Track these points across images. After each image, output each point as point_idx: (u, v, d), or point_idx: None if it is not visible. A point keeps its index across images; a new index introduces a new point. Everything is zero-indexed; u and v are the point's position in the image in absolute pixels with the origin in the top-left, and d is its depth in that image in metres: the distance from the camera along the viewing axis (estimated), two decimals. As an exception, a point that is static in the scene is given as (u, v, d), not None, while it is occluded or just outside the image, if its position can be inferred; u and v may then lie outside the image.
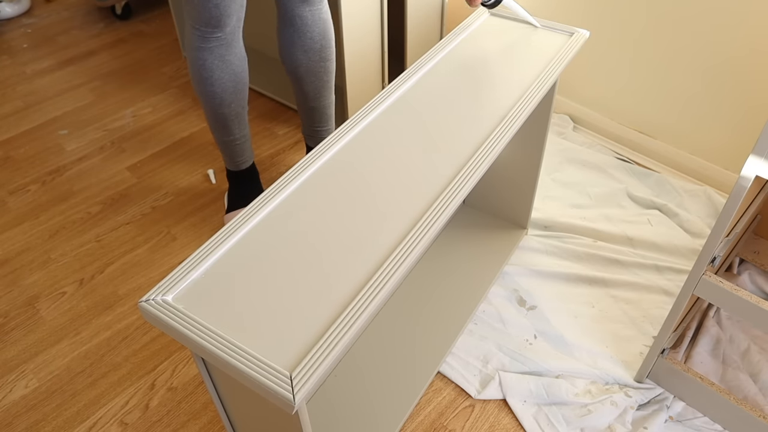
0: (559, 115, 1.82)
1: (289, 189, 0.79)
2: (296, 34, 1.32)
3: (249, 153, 1.45)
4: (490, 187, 1.40)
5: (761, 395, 1.12)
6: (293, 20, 1.30)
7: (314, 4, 1.31)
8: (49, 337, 1.28)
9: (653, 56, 1.54)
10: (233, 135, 1.36)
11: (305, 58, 1.35)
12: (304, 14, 1.30)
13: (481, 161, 0.82)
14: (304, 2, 1.29)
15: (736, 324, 1.24)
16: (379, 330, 1.22)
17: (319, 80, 1.40)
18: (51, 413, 1.15)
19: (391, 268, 0.68)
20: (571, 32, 1.09)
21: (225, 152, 1.42)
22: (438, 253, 1.37)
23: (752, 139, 1.46)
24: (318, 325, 0.63)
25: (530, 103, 0.93)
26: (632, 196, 1.55)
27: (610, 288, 1.33)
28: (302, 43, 1.33)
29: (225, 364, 0.60)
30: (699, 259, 0.92)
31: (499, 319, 1.27)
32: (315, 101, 1.45)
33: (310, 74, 1.38)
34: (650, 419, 1.10)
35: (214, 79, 1.23)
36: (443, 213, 0.75)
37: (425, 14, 1.80)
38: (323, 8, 1.33)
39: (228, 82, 1.25)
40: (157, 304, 0.65)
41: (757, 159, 0.79)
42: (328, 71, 1.41)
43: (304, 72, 1.38)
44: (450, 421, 1.12)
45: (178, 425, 1.12)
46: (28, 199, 1.62)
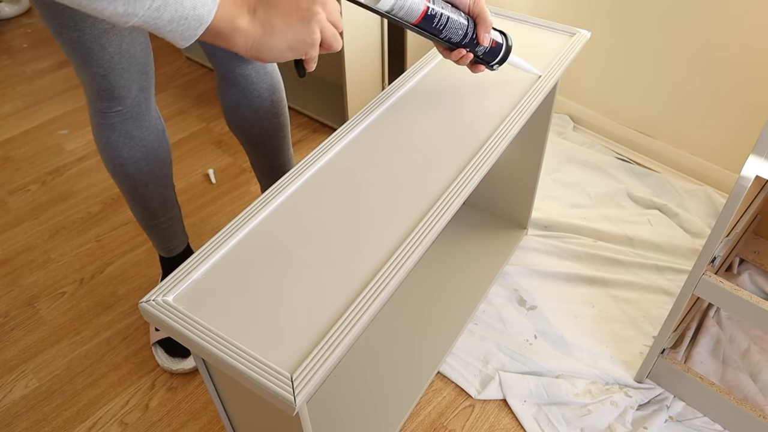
0: (559, 115, 1.82)
1: (289, 190, 0.79)
2: (241, 94, 1.14)
3: (180, 237, 1.25)
4: (490, 187, 1.40)
5: (761, 395, 1.13)
6: (236, 80, 1.13)
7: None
8: (49, 337, 1.28)
9: (653, 56, 1.54)
10: (157, 218, 1.17)
11: (255, 118, 1.18)
12: (247, 72, 1.12)
13: (482, 162, 0.82)
14: (247, 61, 1.11)
15: (736, 324, 1.24)
16: (379, 330, 1.22)
17: (275, 139, 1.23)
18: (51, 413, 1.15)
19: (392, 269, 0.68)
20: (572, 33, 1.09)
21: (151, 237, 1.22)
22: (438, 253, 1.37)
23: (752, 139, 1.47)
24: (319, 326, 0.63)
25: (531, 103, 0.93)
26: (632, 196, 1.55)
27: (610, 288, 1.33)
28: (250, 103, 1.16)
29: (226, 365, 0.60)
30: (699, 259, 0.92)
31: (499, 319, 1.27)
32: (274, 160, 1.28)
33: (264, 134, 1.21)
34: (650, 419, 1.10)
35: (123, 159, 1.05)
36: (444, 214, 0.75)
37: (425, 14, 1.79)
38: None
39: (141, 161, 1.06)
40: (157, 305, 0.65)
41: (757, 159, 0.79)
42: (283, 126, 1.24)
43: (256, 134, 1.21)
44: (450, 421, 1.12)
45: (178, 425, 1.12)
46: (28, 199, 1.62)
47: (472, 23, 0.82)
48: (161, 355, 1.22)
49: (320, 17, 0.61)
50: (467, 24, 0.81)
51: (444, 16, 0.78)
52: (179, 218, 1.23)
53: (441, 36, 0.80)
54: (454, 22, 0.79)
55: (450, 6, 0.80)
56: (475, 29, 0.82)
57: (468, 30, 0.81)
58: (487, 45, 0.83)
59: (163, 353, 1.22)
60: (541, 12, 1.71)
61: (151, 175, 1.09)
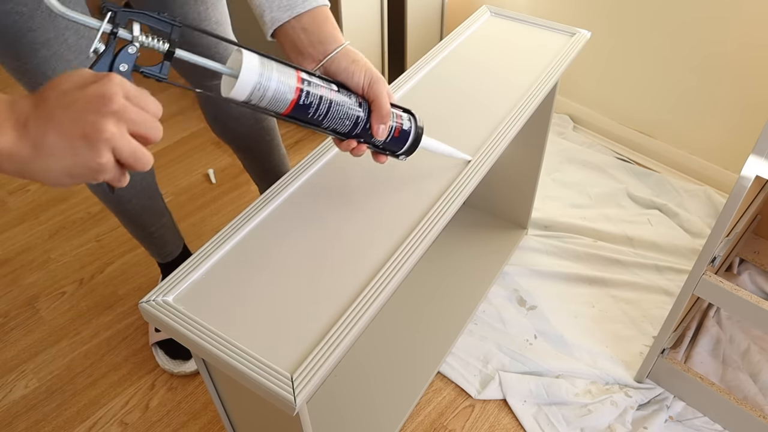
0: (559, 115, 1.82)
1: (289, 190, 0.79)
2: (219, 105, 1.11)
3: (174, 242, 1.22)
4: (490, 187, 1.40)
5: (761, 395, 1.13)
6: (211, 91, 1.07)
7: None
8: (49, 337, 1.28)
9: (653, 56, 1.54)
10: (146, 229, 1.14)
11: (238, 125, 1.13)
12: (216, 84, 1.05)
13: (482, 162, 0.82)
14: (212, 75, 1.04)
15: (736, 324, 1.24)
16: (379, 330, 1.22)
17: (262, 143, 1.18)
18: (51, 413, 1.15)
19: (392, 269, 0.68)
20: (572, 33, 1.09)
21: (144, 245, 1.20)
22: (438, 253, 1.36)
23: (752, 139, 1.46)
24: (319, 326, 0.63)
25: (531, 104, 0.93)
26: (632, 196, 1.55)
27: (610, 288, 1.33)
28: (229, 112, 1.11)
29: (226, 366, 0.60)
30: (699, 259, 0.92)
31: (499, 319, 1.27)
32: (265, 163, 1.24)
33: (250, 140, 1.17)
34: (650, 419, 1.10)
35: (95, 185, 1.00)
36: (444, 215, 0.75)
37: (425, 14, 1.79)
38: None
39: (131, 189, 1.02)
40: (158, 305, 0.65)
41: (757, 159, 0.79)
42: (269, 130, 1.18)
43: (242, 140, 1.17)
44: (450, 421, 1.12)
45: (178, 425, 1.12)
46: (28, 199, 1.62)
47: (368, 109, 0.66)
48: (162, 357, 1.22)
49: (111, 136, 0.45)
50: (360, 110, 0.66)
51: (324, 103, 0.62)
52: (171, 224, 1.19)
53: (322, 126, 0.64)
54: (339, 111, 0.64)
55: (337, 87, 0.65)
56: (369, 117, 0.67)
57: (360, 118, 0.66)
58: (382, 137, 0.68)
59: (164, 355, 1.22)
60: (541, 12, 1.71)
61: (132, 190, 1.05)
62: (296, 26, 0.66)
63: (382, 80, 0.66)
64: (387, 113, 0.66)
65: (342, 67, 0.66)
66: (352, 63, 0.66)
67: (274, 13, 0.65)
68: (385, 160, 0.73)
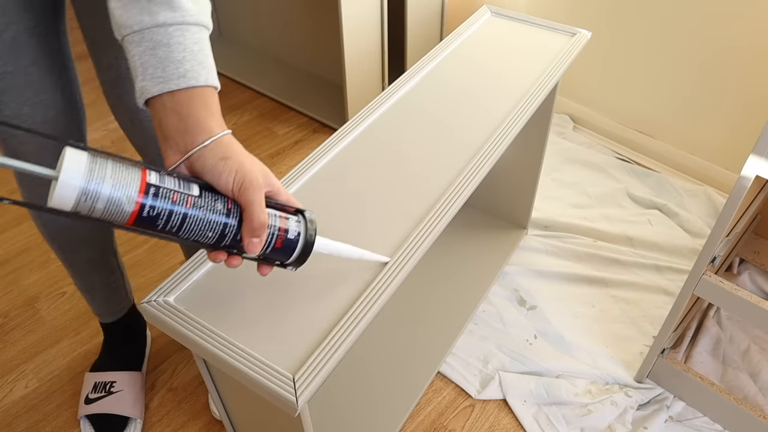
0: (559, 115, 1.82)
1: (290, 190, 0.79)
2: None
3: (116, 303, 1.10)
4: (490, 187, 1.40)
5: (761, 395, 1.13)
6: None
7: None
8: (49, 337, 1.28)
9: (653, 56, 1.54)
10: (90, 284, 1.03)
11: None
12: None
13: (483, 163, 0.82)
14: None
15: (736, 324, 1.25)
16: (379, 330, 1.22)
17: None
18: (51, 413, 1.15)
19: (393, 270, 0.68)
20: (572, 33, 1.09)
21: (84, 296, 1.08)
22: (438, 253, 1.37)
23: (752, 139, 1.47)
24: (321, 327, 0.63)
25: (532, 104, 0.93)
26: (632, 196, 1.55)
27: (610, 288, 1.33)
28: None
29: (228, 367, 0.60)
30: (699, 259, 0.92)
31: (499, 319, 1.27)
32: None
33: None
34: (650, 419, 1.10)
35: (43, 222, 0.92)
36: (445, 215, 0.75)
37: (425, 14, 1.79)
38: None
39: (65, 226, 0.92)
40: (158, 305, 0.65)
41: (757, 159, 0.79)
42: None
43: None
44: (450, 421, 1.12)
45: (178, 425, 1.12)
46: (27, 198, 1.62)
47: (239, 216, 0.54)
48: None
49: None
50: (229, 218, 0.53)
51: (177, 214, 0.50)
52: (120, 283, 1.08)
53: (180, 237, 0.52)
54: (197, 221, 0.51)
55: (199, 191, 0.52)
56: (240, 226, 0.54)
57: (229, 227, 0.53)
58: (254, 252, 0.54)
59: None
60: (541, 12, 1.71)
61: (80, 240, 0.95)
62: (167, 105, 0.53)
63: (255, 184, 0.53)
64: (260, 225, 0.53)
65: (208, 165, 0.53)
66: (220, 161, 0.53)
67: (146, 83, 0.53)
68: (269, 271, 0.59)
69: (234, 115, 1.91)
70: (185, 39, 0.53)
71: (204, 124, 0.54)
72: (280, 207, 0.58)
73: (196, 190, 0.52)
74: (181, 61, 0.53)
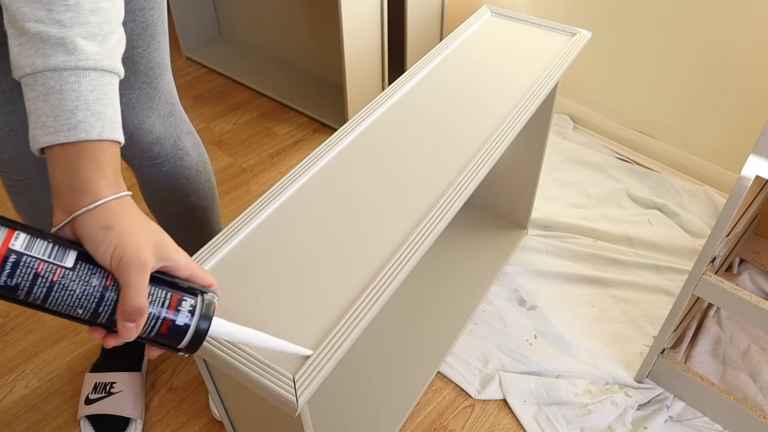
0: (559, 115, 1.82)
1: (290, 190, 0.79)
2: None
3: None
4: (490, 187, 1.40)
5: (761, 395, 1.13)
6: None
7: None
8: (49, 337, 1.28)
9: (653, 56, 1.54)
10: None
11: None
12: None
13: (483, 163, 0.82)
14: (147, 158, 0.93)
15: (736, 324, 1.25)
16: (379, 330, 1.22)
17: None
18: (51, 413, 1.15)
19: (393, 270, 0.68)
20: (572, 33, 1.09)
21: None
22: (438, 253, 1.37)
23: (752, 139, 1.47)
24: (321, 327, 0.63)
25: (532, 104, 0.93)
26: (632, 196, 1.55)
27: (610, 288, 1.33)
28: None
29: (228, 366, 0.60)
30: (699, 259, 0.92)
31: (499, 319, 1.27)
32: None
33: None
34: (650, 419, 1.10)
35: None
36: (445, 215, 0.75)
37: (425, 14, 1.79)
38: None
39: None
40: (158, 305, 0.65)
41: (757, 159, 0.79)
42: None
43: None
44: (450, 421, 1.12)
45: (178, 425, 1.12)
46: (27, 198, 1.62)
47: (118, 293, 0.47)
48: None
49: None
50: (108, 292, 0.47)
51: (41, 285, 0.44)
52: None
53: (47, 309, 0.46)
54: (66, 294, 0.46)
55: (74, 260, 0.47)
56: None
57: (104, 305, 0.47)
58: (130, 337, 0.48)
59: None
60: (541, 12, 1.71)
61: None
62: (56, 158, 0.48)
63: (135, 262, 0.46)
64: (134, 310, 0.46)
65: (87, 234, 0.47)
66: (101, 230, 0.47)
67: (36, 131, 0.48)
68: (157, 353, 0.53)
69: (234, 115, 1.91)
70: (80, 86, 0.48)
71: (89, 185, 0.48)
72: (175, 285, 0.51)
73: (70, 260, 0.46)
74: (73, 111, 0.48)
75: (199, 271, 0.52)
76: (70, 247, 0.47)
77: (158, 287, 0.49)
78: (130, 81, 0.82)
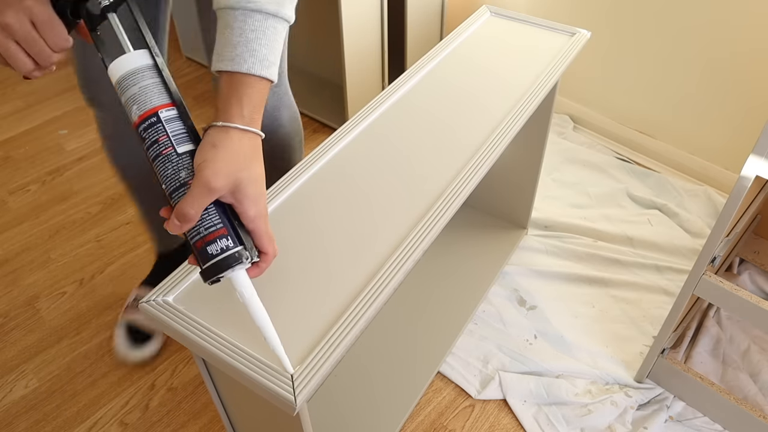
0: (559, 115, 1.82)
1: (289, 190, 0.79)
2: None
3: (170, 239, 1.23)
4: (490, 187, 1.40)
5: (761, 395, 1.13)
6: None
7: None
8: (49, 337, 1.28)
9: (653, 56, 1.54)
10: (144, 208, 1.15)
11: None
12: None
13: (482, 162, 0.82)
14: None
15: (736, 324, 1.24)
16: (379, 330, 1.22)
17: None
18: (51, 413, 1.15)
19: (392, 269, 0.68)
20: (572, 32, 1.09)
21: (145, 227, 1.22)
22: (438, 253, 1.36)
23: (752, 139, 1.47)
24: (319, 326, 0.63)
25: (531, 103, 0.93)
26: (632, 196, 1.55)
27: (610, 288, 1.33)
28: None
29: (226, 366, 0.60)
30: (699, 259, 0.92)
31: (499, 319, 1.27)
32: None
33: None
34: (650, 419, 1.10)
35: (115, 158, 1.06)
36: (444, 214, 0.75)
37: (425, 14, 1.79)
38: None
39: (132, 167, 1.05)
40: (158, 305, 0.65)
41: (757, 159, 0.79)
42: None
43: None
44: (450, 421, 1.12)
45: (178, 425, 1.12)
46: (28, 199, 1.62)
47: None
48: (121, 340, 1.22)
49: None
50: (183, 187, 0.55)
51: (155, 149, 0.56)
52: None
53: (154, 168, 0.57)
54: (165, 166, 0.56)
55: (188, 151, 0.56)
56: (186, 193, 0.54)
57: (180, 192, 0.55)
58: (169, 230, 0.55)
59: (124, 337, 1.22)
60: (541, 12, 1.71)
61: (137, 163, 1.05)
62: (221, 81, 0.59)
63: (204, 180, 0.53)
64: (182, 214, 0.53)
65: (203, 142, 0.57)
66: (210, 144, 0.56)
67: (214, 56, 0.59)
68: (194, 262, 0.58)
69: (234, 116, 1.91)
70: (245, 25, 0.56)
71: (226, 109, 0.57)
72: (233, 225, 0.56)
73: (182, 149, 0.56)
74: (235, 46, 0.56)
75: (262, 234, 0.57)
76: (194, 141, 0.57)
77: (218, 215, 0.56)
78: None
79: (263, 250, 0.58)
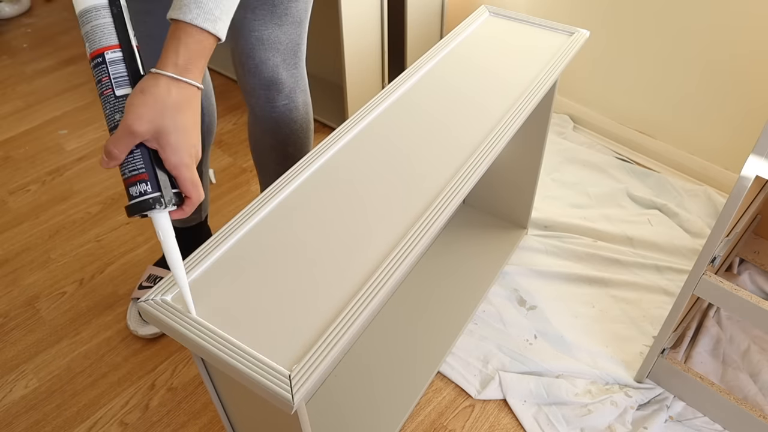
0: (559, 115, 1.82)
1: (288, 189, 0.79)
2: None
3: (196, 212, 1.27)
4: (490, 187, 1.40)
5: (761, 395, 1.12)
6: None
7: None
8: (49, 337, 1.28)
9: (653, 56, 1.54)
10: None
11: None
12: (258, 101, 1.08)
13: (480, 161, 0.82)
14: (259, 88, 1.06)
15: (736, 324, 1.24)
16: (379, 330, 1.22)
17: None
18: (51, 413, 1.15)
19: (390, 268, 0.68)
20: (571, 32, 1.09)
21: None
22: (438, 252, 1.36)
23: (752, 139, 1.46)
24: (317, 324, 0.63)
25: (530, 103, 0.93)
26: (632, 196, 1.55)
27: (610, 288, 1.33)
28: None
29: (224, 364, 0.60)
30: (699, 259, 0.92)
31: (499, 319, 1.27)
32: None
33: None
34: (650, 419, 1.10)
35: None
36: (442, 213, 0.75)
37: (425, 14, 1.80)
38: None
39: None
40: (156, 304, 0.65)
41: (757, 159, 0.79)
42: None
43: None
44: (450, 421, 1.12)
45: (178, 425, 1.12)
46: (28, 199, 1.62)
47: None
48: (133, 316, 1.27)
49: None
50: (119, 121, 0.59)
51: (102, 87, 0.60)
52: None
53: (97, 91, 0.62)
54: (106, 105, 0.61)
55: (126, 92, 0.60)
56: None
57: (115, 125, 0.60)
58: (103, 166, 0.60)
59: (136, 314, 1.27)
60: (541, 12, 1.71)
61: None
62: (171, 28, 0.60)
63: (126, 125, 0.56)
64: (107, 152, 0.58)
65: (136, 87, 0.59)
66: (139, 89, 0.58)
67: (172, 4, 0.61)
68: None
69: (234, 115, 1.91)
70: None
71: (163, 56, 0.59)
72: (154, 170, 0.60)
73: (121, 92, 0.60)
74: None
75: (185, 180, 0.60)
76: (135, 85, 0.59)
77: (141, 159, 0.60)
78: (265, 19, 0.96)
79: (187, 194, 0.62)
